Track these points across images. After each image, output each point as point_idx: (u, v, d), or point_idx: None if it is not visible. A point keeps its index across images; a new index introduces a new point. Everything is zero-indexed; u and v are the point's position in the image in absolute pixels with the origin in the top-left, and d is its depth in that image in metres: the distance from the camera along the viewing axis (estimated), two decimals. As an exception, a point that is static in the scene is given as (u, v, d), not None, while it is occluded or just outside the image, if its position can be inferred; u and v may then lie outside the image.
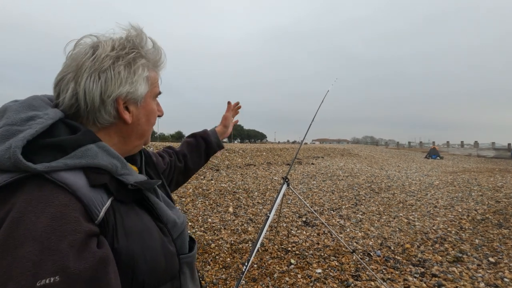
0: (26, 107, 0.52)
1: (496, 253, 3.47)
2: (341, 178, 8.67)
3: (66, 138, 0.50)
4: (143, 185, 0.57)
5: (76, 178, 0.48)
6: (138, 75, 0.59)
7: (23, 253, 0.39)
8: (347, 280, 2.74)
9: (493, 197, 6.45)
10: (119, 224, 0.51)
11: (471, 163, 18.34)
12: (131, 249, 0.52)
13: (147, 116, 0.64)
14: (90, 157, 0.50)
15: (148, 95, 0.63)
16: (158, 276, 0.56)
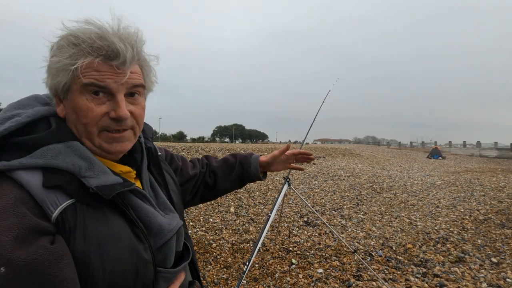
0: (16, 106, 0.55)
1: (499, 253, 3.46)
2: (343, 178, 8.65)
3: (29, 137, 0.51)
4: (102, 191, 0.52)
5: (31, 177, 0.49)
6: (58, 64, 0.54)
7: None
8: (348, 280, 2.74)
9: (496, 197, 6.41)
10: (78, 226, 0.50)
11: (473, 163, 18.26)
12: (86, 254, 0.49)
13: (74, 111, 0.56)
14: (48, 158, 0.50)
15: (75, 88, 0.54)
16: (123, 286, 0.53)
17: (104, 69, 0.54)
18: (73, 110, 0.55)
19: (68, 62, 0.52)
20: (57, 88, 0.55)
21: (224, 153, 11.38)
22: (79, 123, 0.55)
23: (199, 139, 58.77)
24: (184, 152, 10.26)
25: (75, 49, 0.53)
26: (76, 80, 0.54)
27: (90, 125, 0.55)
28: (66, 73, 0.53)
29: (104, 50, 0.53)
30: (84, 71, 0.53)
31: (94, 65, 0.53)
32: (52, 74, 0.55)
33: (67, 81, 0.54)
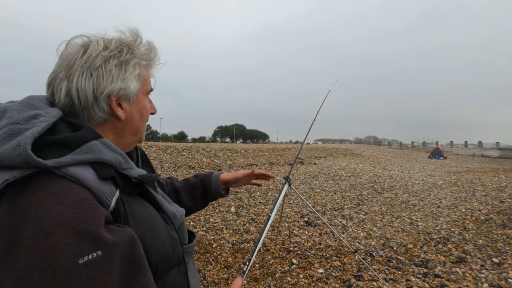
0: (26, 107, 0.53)
1: (500, 253, 3.44)
2: (344, 178, 8.64)
3: (71, 135, 0.52)
4: (146, 178, 0.59)
5: (85, 172, 0.50)
6: (129, 73, 0.60)
7: (55, 240, 0.41)
8: (349, 280, 2.73)
9: (497, 197, 6.39)
10: (129, 213, 0.54)
11: (475, 163, 18.21)
12: (142, 235, 0.54)
13: (140, 112, 0.65)
14: (95, 153, 0.52)
15: (140, 92, 0.64)
16: (168, 260, 0.60)
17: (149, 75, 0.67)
18: (138, 111, 0.64)
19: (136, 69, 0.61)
20: (126, 92, 0.60)
21: (225, 153, 11.40)
22: (142, 120, 0.66)
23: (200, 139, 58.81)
24: (185, 152, 10.27)
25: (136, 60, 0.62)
26: (144, 87, 0.65)
27: (145, 122, 0.67)
28: (137, 80, 0.62)
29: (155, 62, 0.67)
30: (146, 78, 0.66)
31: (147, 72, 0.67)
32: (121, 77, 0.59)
33: (139, 87, 0.63)
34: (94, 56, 0.56)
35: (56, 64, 0.58)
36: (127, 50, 0.60)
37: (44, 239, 0.41)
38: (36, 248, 0.40)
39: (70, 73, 0.56)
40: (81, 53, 0.56)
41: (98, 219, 0.45)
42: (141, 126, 0.66)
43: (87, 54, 0.56)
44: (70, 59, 0.56)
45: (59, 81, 0.56)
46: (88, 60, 0.56)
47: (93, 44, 0.58)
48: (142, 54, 0.64)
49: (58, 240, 0.41)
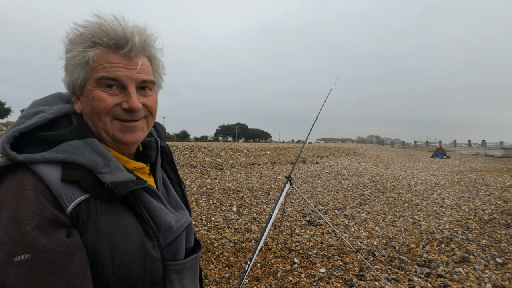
0: (41, 103, 0.58)
1: (504, 253, 3.41)
2: (346, 178, 8.62)
3: (52, 133, 0.54)
4: (117, 187, 0.54)
5: (50, 171, 0.51)
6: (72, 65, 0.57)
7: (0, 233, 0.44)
8: (351, 280, 2.72)
9: (501, 197, 6.34)
10: (91, 220, 0.51)
11: (478, 163, 18.09)
12: (97, 247, 0.51)
13: (89, 103, 0.57)
14: (68, 153, 0.52)
15: (90, 83, 0.57)
16: (130, 282, 0.53)
17: (115, 60, 0.56)
18: (88, 103, 0.57)
19: (80, 58, 0.55)
20: (75, 85, 0.58)
21: (227, 152, 11.40)
22: (93, 113, 0.57)
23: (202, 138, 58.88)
24: (187, 151, 10.29)
25: (86, 43, 0.55)
26: (91, 75, 0.56)
27: (102, 114, 0.57)
28: (82, 69, 0.56)
29: (113, 39, 0.56)
30: (97, 64, 0.56)
31: (105, 56, 0.56)
32: (69, 71, 0.57)
33: (83, 77, 0.57)
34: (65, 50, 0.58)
35: None
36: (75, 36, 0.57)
37: None
38: None
39: None
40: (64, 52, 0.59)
41: (38, 219, 0.45)
42: (97, 118, 0.57)
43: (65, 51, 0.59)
44: None
45: None
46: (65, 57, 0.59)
47: None
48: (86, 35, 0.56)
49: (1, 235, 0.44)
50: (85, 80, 0.57)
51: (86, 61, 0.55)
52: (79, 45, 0.56)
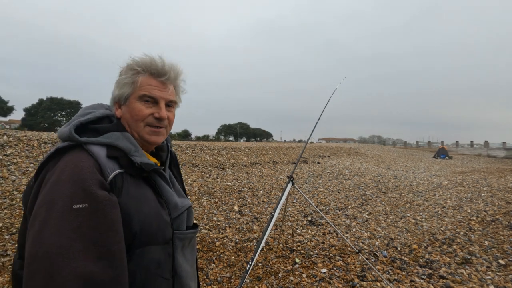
0: (90, 108, 0.84)
1: (507, 255, 3.39)
2: (348, 178, 8.60)
3: (101, 125, 0.78)
4: (144, 165, 0.76)
5: (99, 150, 0.73)
6: (123, 81, 0.81)
7: (63, 188, 0.63)
8: (352, 280, 2.71)
9: (504, 198, 6.31)
10: (124, 188, 0.72)
11: (480, 163, 18.00)
12: (128, 207, 0.70)
13: (130, 112, 0.82)
14: (112, 139, 0.75)
15: (133, 97, 0.81)
16: (149, 235, 0.73)
17: (154, 84, 0.82)
18: (129, 111, 0.82)
19: (130, 79, 0.80)
20: (121, 97, 0.82)
21: (229, 151, 11.40)
22: (132, 119, 0.81)
23: (204, 138, 58.89)
24: (188, 150, 10.30)
25: (136, 71, 0.81)
26: (135, 91, 0.81)
27: (139, 120, 0.81)
28: (129, 87, 0.81)
29: (156, 70, 0.81)
30: (141, 85, 0.80)
31: (148, 80, 0.81)
32: (119, 87, 0.82)
33: (129, 92, 0.81)
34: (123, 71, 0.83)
35: None
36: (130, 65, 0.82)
37: (57, 186, 0.63)
38: (51, 190, 0.63)
39: None
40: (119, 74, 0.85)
41: (92, 182, 0.65)
42: (137, 126, 0.82)
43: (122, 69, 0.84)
44: None
45: None
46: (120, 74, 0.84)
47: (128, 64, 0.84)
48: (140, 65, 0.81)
49: (64, 189, 0.62)
50: (129, 94, 0.81)
51: (134, 81, 0.80)
52: (131, 70, 0.81)
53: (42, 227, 0.59)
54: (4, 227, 3.34)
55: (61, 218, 0.59)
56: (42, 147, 6.82)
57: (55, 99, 47.10)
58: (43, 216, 0.60)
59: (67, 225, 0.59)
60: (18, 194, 4.33)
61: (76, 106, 48.63)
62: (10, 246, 2.95)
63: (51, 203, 0.61)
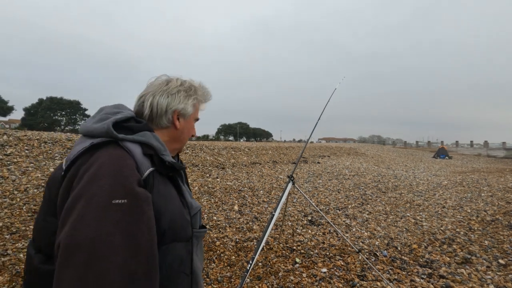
0: (115, 107, 0.86)
1: (507, 255, 3.40)
2: (348, 177, 8.60)
3: (135, 125, 0.81)
4: (176, 164, 0.80)
5: (134, 147, 0.74)
6: (189, 102, 0.92)
7: (103, 182, 0.63)
8: (352, 280, 2.72)
9: (504, 198, 6.31)
10: (155, 185, 0.74)
11: (480, 163, 18.01)
12: (158, 204, 0.72)
13: (187, 128, 0.95)
14: (146, 138, 0.78)
15: (192, 117, 0.95)
16: (175, 232, 0.77)
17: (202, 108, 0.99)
18: (187, 127, 0.94)
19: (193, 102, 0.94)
20: (184, 112, 0.91)
21: (229, 151, 11.40)
22: (186, 134, 0.95)
23: (204, 137, 58.79)
24: (188, 150, 10.29)
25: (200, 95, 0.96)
26: (194, 113, 0.95)
27: (189, 136, 0.97)
28: (192, 107, 0.93)
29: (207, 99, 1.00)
30: (198, 109, 0.97)
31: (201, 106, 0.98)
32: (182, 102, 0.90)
33: (191, 112, 0.93)
34: (173, 87, 0.90)
35: (147, 87, 0.91)
36: (193, 89, 0.94)
37: (96, 180, 0.64)
38: (89, 183, 0.63)
39: (155, 94, 0.88)
40: (164, 84, 0.90)
41: (132, 179, 0.67)
42: (185, 138, 0.95)
43: (169, 85, 0.90)
44: (157, 86, 0.90)
45: (147, 97, 0.88)
46: (168, 89, 0.89)
47: (173, 80, 0.92)
48: (200, 94, 0.96)
49: (104, 183, 0.63)
50: (191, 114, 0.94)
51: (194, 105, 0.94)
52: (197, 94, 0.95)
53: (81, 219, 0.59)
54: (4, 227, 3.34)
55: (101, 211, 0.60)
56: (42, 146, 6.82)
57: (55, 98, 47.03)
58: (81, 209, 0.60)
59: (107, 219, 0.60)
60: (18, 193, 4.33)
61: (76, 106, 48.59)
62: (10, 246, 2.95)
63: (90, 196, 0.62)
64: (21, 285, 2.35)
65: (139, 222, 0.63)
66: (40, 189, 4.61)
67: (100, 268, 0.56)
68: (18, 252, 2.84)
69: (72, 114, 48.92)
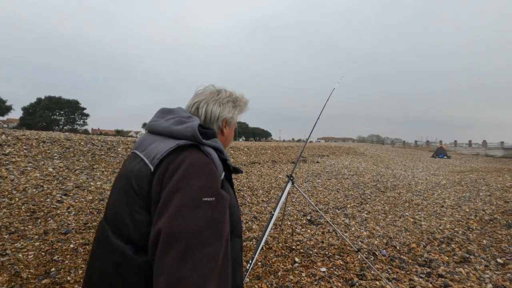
0: (184, 111, 0.94)
1: (505, 254, 3.41)
2: (347, 177, 8.61)
3: (209, 131, 0.88)
4: (238, 169, 0.92)
5: (212, 152, 0.82)
6: (235, 112, 1.03)
7: (194, 182, 0.72)
8: (352, 279, 2.72)
9: (502, 197, 6.34)
10: (225, 188, 0.82)
11: (479, 163, 18.08)
12: (230, 204, 0.79)
13: (230, 135, 1.06)
14: (218, 143, 0.86)
15: (234, 125, 1.06)
16: (236, 229, 0.87)
17: None
18: (229, 135, 1.05)
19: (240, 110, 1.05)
20: (230, 120, 1.01)
21: (228, 150, 11.39)
22: (228, 141, 1.05)
23: (203, 137, 58.90)
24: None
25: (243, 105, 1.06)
26: (235, 123, 1.05)
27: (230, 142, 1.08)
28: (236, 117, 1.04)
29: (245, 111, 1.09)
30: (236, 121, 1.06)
31: None
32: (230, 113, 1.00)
33: (235, 121, 1.04)
34: (223, 97, 0.99)
35: (197, 95, 1.00)
36: (238, 101, 1.03)
37: (188, 178, 0.72)
38: (183, 181, 0.72)
39: (208, 102, 0.97)
40: (216, 94, 0.99)
41: (218, 180, 0.77)
42: (227, 144, 1.07)
43: (220, 95, 0.99)
44: (209, 95, 0.98)
45: (202, 104, 0.96)
46: (220, 98, 0.99)
47: (223, 91, 1.01)
48: (242, 106, 1.06)
49: (195, 182, 0.72)
50: (234, 123, 1.04)
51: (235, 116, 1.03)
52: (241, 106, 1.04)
53: (178, 213, 0.67)
54: (3, 227, 3.33)
55: (194, 207, 0.69)
56: (40, 146, 6.81)
57: (54, 98, 46.87)
58: (177, 203, 0.69)
59: (200, 214, 0.68)
60: (17, 193, 4.32)
61: (75, 105, 48.44)
62: (9, 246, 2.94)
63: (184, 192, 0.70)
64: (20, 285, 2.34)
65: (222, 218, 0.72)
66: (39, 189, 4.60)
67: (195, 257, 0.64)
68: (17, 252, 2.84)
69: (70, 113, 48.77)
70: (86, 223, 3.69)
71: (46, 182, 4.93)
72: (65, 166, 5.94)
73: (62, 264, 2.71)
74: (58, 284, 2.39)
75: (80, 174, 5.70)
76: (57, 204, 4.18)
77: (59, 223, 3.61)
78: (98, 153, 7.34)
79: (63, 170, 5.70)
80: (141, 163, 0.80)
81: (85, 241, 3.19)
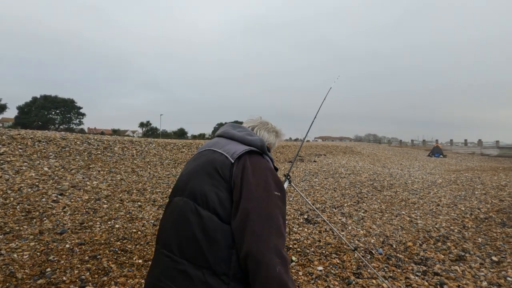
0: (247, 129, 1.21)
1: (499, 252, 3.45)
2: (343, 176, 8.64)
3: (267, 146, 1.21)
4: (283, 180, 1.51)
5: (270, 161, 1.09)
6: (276, 140, 1.29)
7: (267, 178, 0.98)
8: (348, 278, 2.73)
9: (497, 196, 6.40)
10: None
11: (474, 162, 18.23)
12: None
13: None
14: (271, 156, 1.13)
15: (273, 149, 1.29)
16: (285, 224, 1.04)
17: None
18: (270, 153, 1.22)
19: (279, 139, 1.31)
20: (272, 146, 1.28)
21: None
22: None
23: (200, 136, 58.68)
24: (184, 149, 10.26)
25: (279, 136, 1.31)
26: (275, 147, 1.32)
27: None
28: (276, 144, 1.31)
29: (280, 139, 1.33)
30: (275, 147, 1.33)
31: None
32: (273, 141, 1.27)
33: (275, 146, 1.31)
34: (270, 127, 1.28)
35: (252, 121, 1.28)
36: (279, 133, 1.30)
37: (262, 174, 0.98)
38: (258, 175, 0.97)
39: (261, 128, 1.25)
40: (266, 124, 1.28)
41: (280, 179, 1.02)
42: None
43: (268, 125, 1.27)
44: (261, 123, 1.27)
45: (257, 129, 1.24)
46: (268, 128, 1.27)
47: (269, 123, 1.29)
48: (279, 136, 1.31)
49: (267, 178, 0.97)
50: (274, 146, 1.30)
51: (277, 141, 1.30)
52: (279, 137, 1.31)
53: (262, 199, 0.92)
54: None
55: (269, 197, 0.94)
56: (36, 145, 6.75)
57: (49, 97, 46.48)
58: (260, 193, 0.93)
59: (273, 203, 0.94)
60: (12, 193, 4.28)
61: (71, 104, 48.11)
62: (3, 246, 2.92)
63: (262, 185, 0.94)
64: (15, 285, 2.32)
65: (284, 210, 0.98)
66: (34, 189, 4.56)
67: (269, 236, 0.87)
68: (12, 252, 2.81)
69: (66, 112, 48.46)
70: (82, 222, 3.67)
71: (41, 182, 4.89)
72: (60, 166, 5.90)
73: (57, 264, 2.69)
74: (53, 284, 2.37)
75: (76, 173, 5.66)
76: (52, 203, 4.15)
77: (55, 223, 3.58)
78: (94, 153, 7.29)
79: (59, 170, 5.66)
80: (222, 156, 1.01)
81: (81, 241, 3.16)
